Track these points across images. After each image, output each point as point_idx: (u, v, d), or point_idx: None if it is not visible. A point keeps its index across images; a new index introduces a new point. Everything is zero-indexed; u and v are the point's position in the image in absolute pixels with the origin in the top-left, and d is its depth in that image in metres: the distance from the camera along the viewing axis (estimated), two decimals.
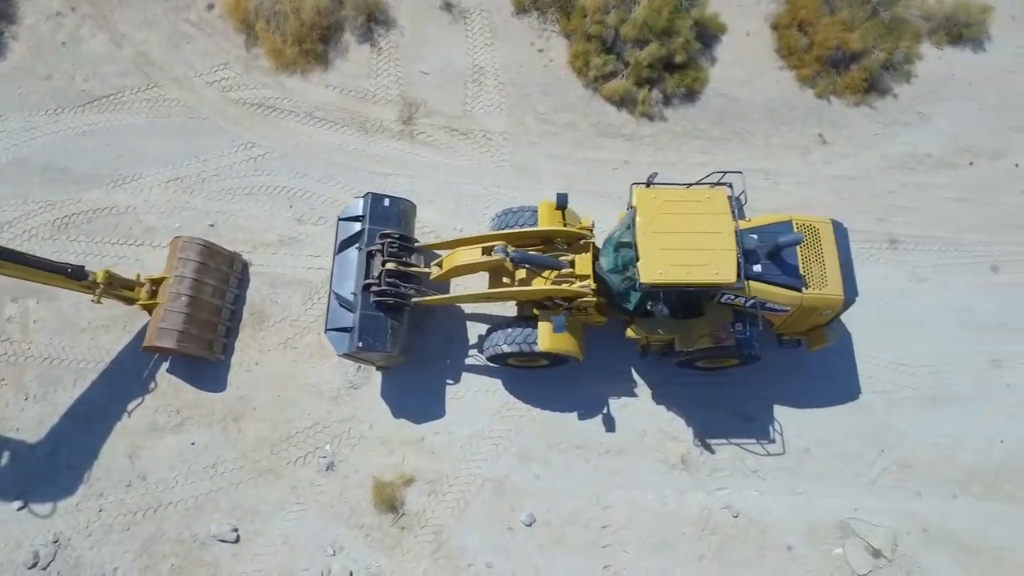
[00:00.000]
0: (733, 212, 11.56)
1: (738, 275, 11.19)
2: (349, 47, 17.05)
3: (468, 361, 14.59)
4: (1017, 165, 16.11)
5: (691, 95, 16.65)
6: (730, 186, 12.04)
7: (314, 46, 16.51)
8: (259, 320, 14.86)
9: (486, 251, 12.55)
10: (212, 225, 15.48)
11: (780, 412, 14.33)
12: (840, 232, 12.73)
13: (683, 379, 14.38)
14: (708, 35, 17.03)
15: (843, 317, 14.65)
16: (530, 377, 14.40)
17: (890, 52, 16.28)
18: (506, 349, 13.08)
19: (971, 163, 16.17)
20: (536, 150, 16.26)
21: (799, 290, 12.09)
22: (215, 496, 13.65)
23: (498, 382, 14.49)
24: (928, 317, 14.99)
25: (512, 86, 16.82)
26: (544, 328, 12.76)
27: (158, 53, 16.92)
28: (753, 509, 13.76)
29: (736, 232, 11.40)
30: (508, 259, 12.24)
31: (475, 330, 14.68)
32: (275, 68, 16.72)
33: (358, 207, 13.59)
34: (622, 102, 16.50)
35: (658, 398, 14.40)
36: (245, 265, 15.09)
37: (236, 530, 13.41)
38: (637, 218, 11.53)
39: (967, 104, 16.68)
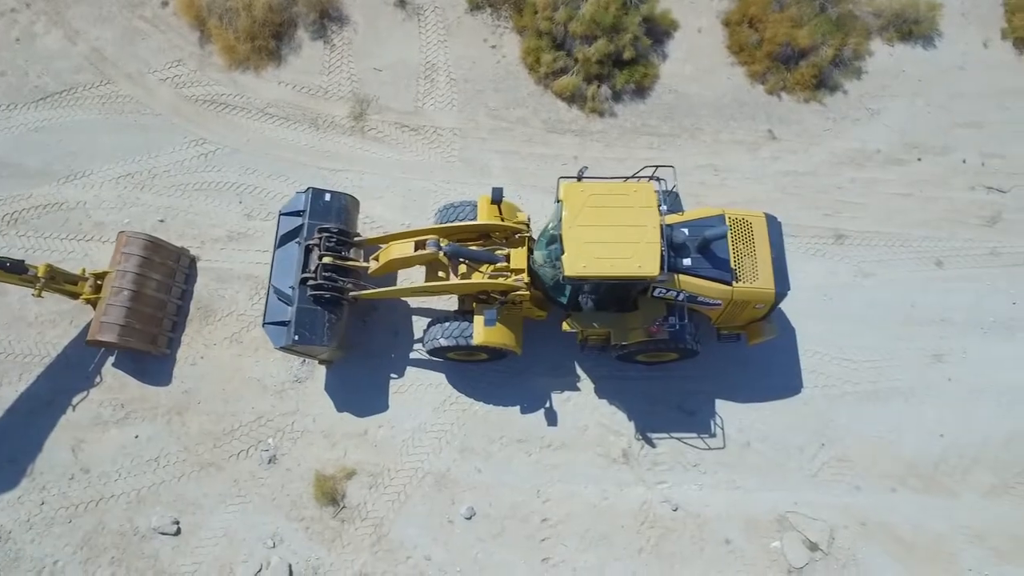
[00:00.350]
0: (660, 206, 11.62)
1: (661, 268, 11.25)
2: (303, 44, 17.14)
3: (413, 356, 14.68)
4: (964, 161, 16.17)
5: (641, 91, 16.73)
6: (658, 180, 12.09)
7: (266, 43, 16.59)
8: (206, 315, 14.95)
9: (419, 245, 12.62)
10: (162, 221, 15.57)
11: (722, 407, 14.41)
12: (774, 226, 12.80)
13: (626, 373, 14.45)
14: (659, 31, 17.10)
15: (787, 312, 14.81)
16: (474, 371, 14.49)
17: (838, 48, 16.35)
18: (443, 343, 13.16)
19: (919, 159, 16.24)
20: (486, 146, 16.34)
21: (729, 284, 12.15)
22: (157, 489, 13.74)
23: (442, 376, 14.58)
24: (872, 312, 15.06)
25: (464, 82, 16.90)
26: (479, 322, 12.84)
27: (112, 50, 17.01)
28: (693, 503, 13.84)
29: (661, 225, 11.47)
30: (441, 253, 12.32)
31: (420, 325, 14.76)
32: (228, 65, 16.80)
33: (299, 202, 13.66)
34: (572, 98, 16.58)
35: (601, 392, 14.48)
36: (193, 260, 15.18)
37: (177, 523, 13.50)
38: (563, 212, 11.61)
39: (916, 100, 16.75)
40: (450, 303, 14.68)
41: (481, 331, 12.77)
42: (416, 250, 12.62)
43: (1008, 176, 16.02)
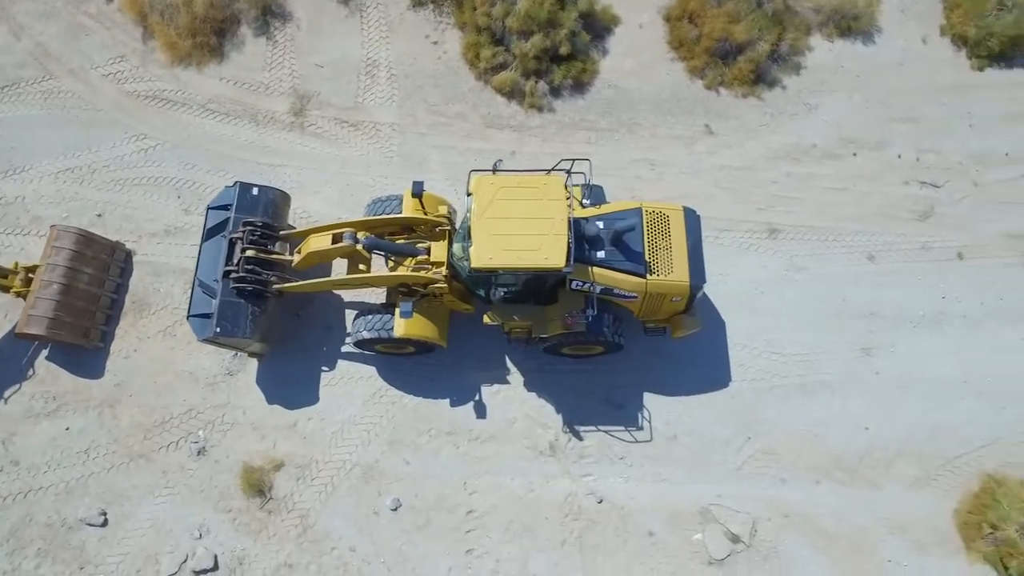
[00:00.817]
0: (582, 199, 11.71)
1: (568, 260, 11.34)
2: (245, 40, 17.25)
3: (345, 349, 14.78)
4: (900, 156, 16.23)
5: (581, 86, 16.81)
6: (569, 173, 12.18)
7: (207, 39, 16.71)
8: (140, 308, 15.07)
9: (336, 239, 12.73)
10: (100, 215, 15.70)
11: (650, 400, 14.50)
12: (691, 219, 12.89)
13: (555, 367, 14.56)
14: (599, 27, 17.18)
15: (718, 306, 14.91)
16: (404, 365, 14.61)
17: (774, 44, 16.43)
18: (366, 335, 13.28)
19: (854, 154, 16.31)
20: (425, 141, 16.44)
21: (643, 276, 12.24)
22: (86, 481, 13.88)
23: (373, 369, 14.70)
24: (803, 306, 15.14)
25: (405, 78, 17.00)
26: (399, 314, 12.95)
27: (56, 45, 17.13)
28: (618, 495, 13.94)
29: (569, 218, 11.56)
30: (358, 246, 12.42)
31: (353, 318, 14.84)
32: (170, 61, 16.92)
33: (227, 196, 13.78)
34: (511, 93, 16.67)
35: (530, 385, 14.58)
36: (128, 254, 15.31)
37: (104, 514, 13.63)
38: (472, 205, 11.71)
39: (854, 96, 16.81)
40: (382, 296, 14.76)
41: (402, 323, 12.87)
42: (333, 243, 12.72)
43: (942, 171, 16.09)
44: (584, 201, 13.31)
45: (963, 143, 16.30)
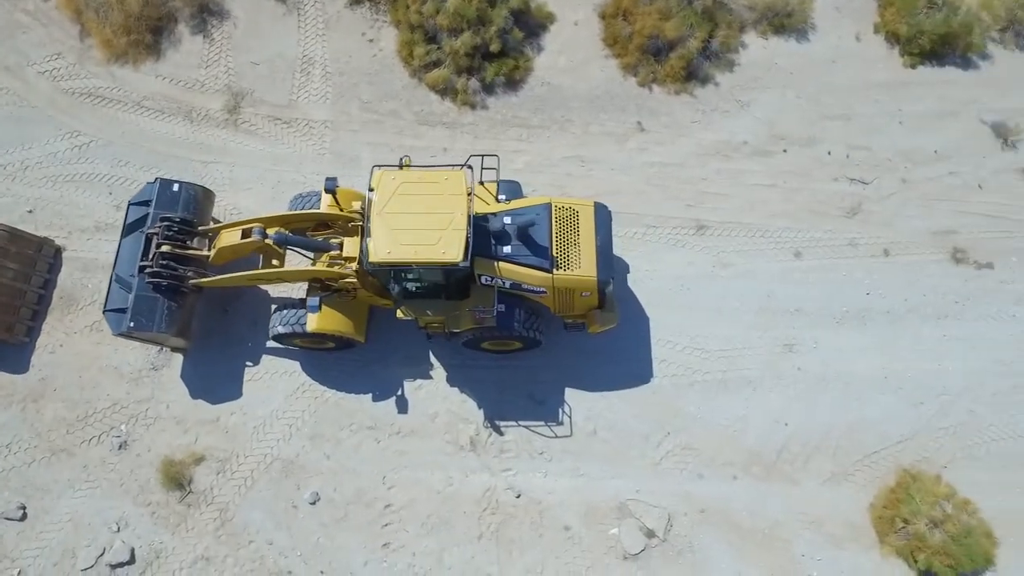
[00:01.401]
0: (470, 194, 11.79)
1: (465, 255, 11.41)
2: (182, 38, 17.36)
3: (269, 344, 14.85)
4: (830, 153, 16.28)
5: (514, 84, 16.88)
6: (468, 167, 12.26)
7: (142, 37, 16.83)
8: (68, 304, 15.18)
9: (245, 234, 12.82)
10: (31, 211, 15.82)
11: (571, 395, 14.56)
12: (602, 215, 12.95)
13: (479, 363, 14.63)
14: (534, 24, 17.24)
15: (643, 302, 14.98)
16: (328, 360, 14.70)
17: (704, 41, 16.47)
18: (280, 329, 13.38)
19: (785, 150, 16.35)
20: (357, 138, 16.53)
21: (549, 271, 12.30)
22: (7, 475, 13.99)
23: (296, 364, 14.79)
24: (728, 302, 15.19)
25: (340, 75, 17.10)
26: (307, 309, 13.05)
27: None
28: (536, 490, 14.00)
29: (469, 213, 11.64)
30: (267, 240, 12.51)
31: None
32: (107, 59, 17.03)
33: (148, 192, 13.88)
34: (444, 91, 16.76)
35: (452, 381, 14.66)
36: (58, 250, 15.42)
37: (23, 508, 13.74)
38: (373, 199, 11.79)
39: (786, 92, 16.85)
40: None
41: (315, 318, 12.96)
42: (243, 238, 12.81)
43: (872, 168, 16.13)
44: (500, 197, 13.38)
45: (893, 140, 16.33)
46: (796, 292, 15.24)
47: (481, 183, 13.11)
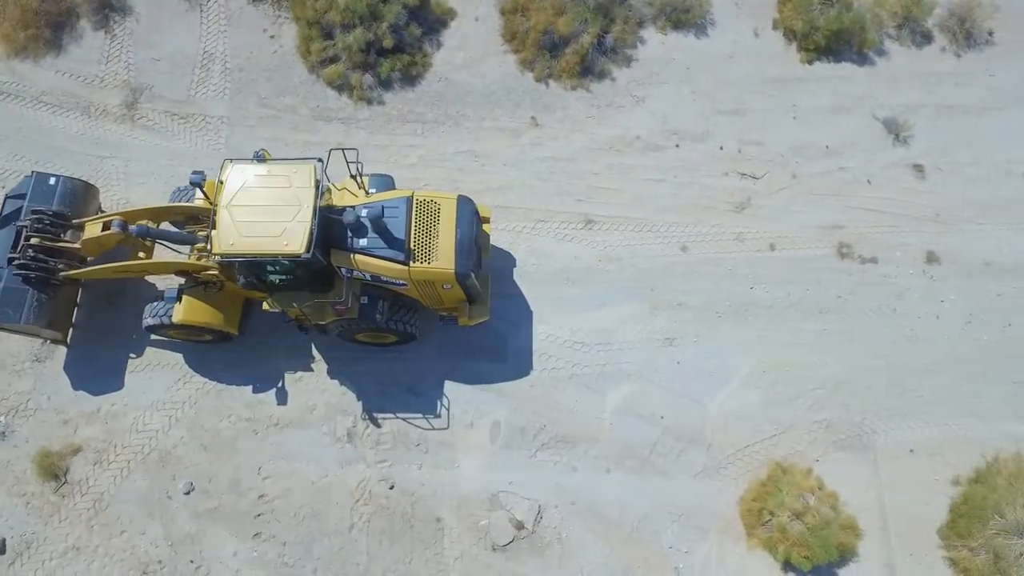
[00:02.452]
0: (319, 186, 11.87)
1: (308, 247, 11.49)
2: (84, 33, 17.46)
3: (154, 337, 14.93)
4: (721, 148, 16.33)
5: (411, 79, 16.95)
6: (319, 160, 12.35)
7: (41, 31, 16.93)
8: None
9: (106, 226, 12.93)
10: None
11: (451, 388, 14.64)
12: (464, 208, 13.01)
13: (360, 355, 14.72)
14: (433, 20, 17.31)
15: (526, 295, 15.05)
16: (211, 352, 14.79)
17: (597, 36, 16.52)
18: (150, 321, 13.49)
19: (677, 145, 16.40)
20: (254, 133, 16.62)
21: (405, 264, 12.37)
22: None
23: (179, 357, 14.89)
24: (612, 296, 15.26)
25: (239, 71, 17.19)
26: (184, 301, 13.14)
27: None
28: (411, 482, 14.08)
29: (315, 205, 11.72)
30: (128, 233, 12.61)
31: None
32: (7, 53, 17.15)
33: (25, 185, 13.98)
34: (341, 87, 16.84)
35: (333, 374, 14.74)
36: None
37: None
38: (220, 192, 11.88)
39: (682, 88, 16.90)
40: None
41: (180, 309, 13.06)
42: (103, 231, 12.91)
43: (763, 163, 16.17)
44: (371, 190, 13.48)
45: (786, 135, 16.38)
46: (680, 286, 15.29)
47: (353, 177, 13.19)
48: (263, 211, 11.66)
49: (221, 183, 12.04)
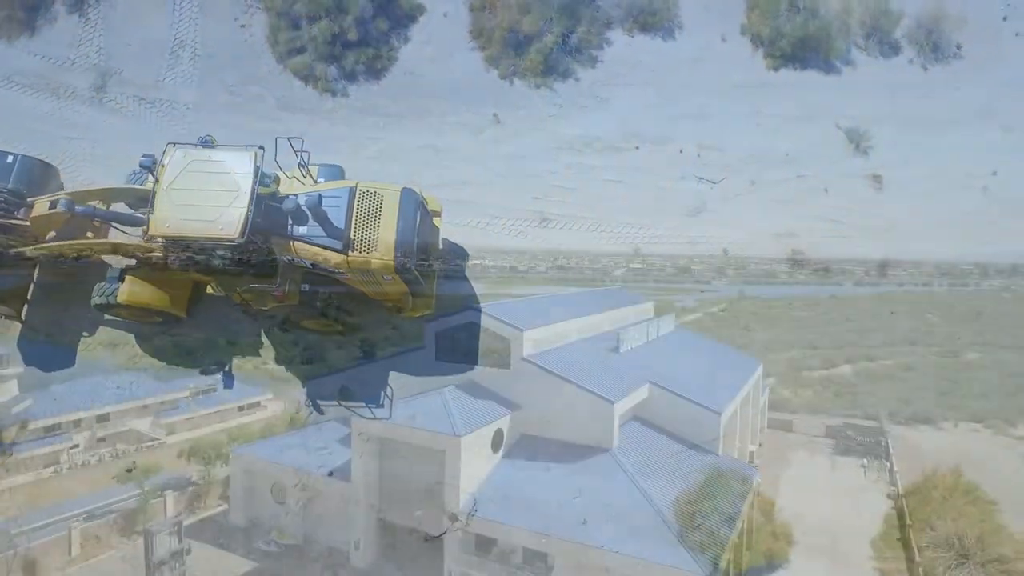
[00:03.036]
0: (257, 172, 11.95)
1: (242, 232, 11.56)
2: (59, 17, 17.68)
3: (107, 316, 15.06)
4: (681, 151, 16.31)
5: (377, 72, 17.05)
6: (260, 148, 12.43)
7: (15, 12, 17.16)
8: None
9: (52, 205, 13.05)
10: None
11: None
12: (408, 201, 13.01)
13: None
14: (401, 14, 17.39)
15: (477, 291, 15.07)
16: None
17: (560, 36, 16.56)
18: (97, 300, 13.59)
19: (637, 147, 16.42)
20: (217, 119, 16.82)
21: (343, 252, 12.41)
22: None
23: (130, 337, 15.02)
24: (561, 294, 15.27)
25: (208, 59, 17.35)
26: (128, 281, 13.26)
27: None
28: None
29: (252, 192, 11.79)
30: (74, 212, 12.72)
31: None
32: None
33: None
34: (307, 77, 16.94)
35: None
36: None
37: None
38: (161, 176, 11.98)
39: (646, 90, 16.91)
40: None
41: (125, 290, 13.18)
42: (50, 209, 13.04)
43: (722, 168, 16.16)
44: (319, 179, 13.53)
45: (747, 141, 16.38)
46: (629, 287, 15.28)
47: (300, 166, 13.24)
48: (201, 195, 11.74)
49: (163, 166, 12.13)
